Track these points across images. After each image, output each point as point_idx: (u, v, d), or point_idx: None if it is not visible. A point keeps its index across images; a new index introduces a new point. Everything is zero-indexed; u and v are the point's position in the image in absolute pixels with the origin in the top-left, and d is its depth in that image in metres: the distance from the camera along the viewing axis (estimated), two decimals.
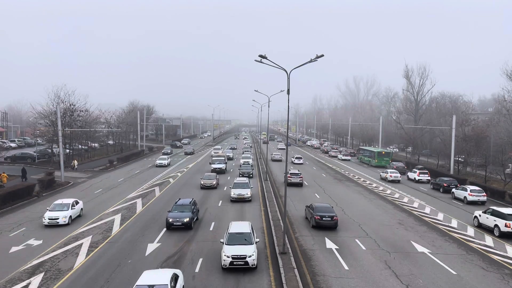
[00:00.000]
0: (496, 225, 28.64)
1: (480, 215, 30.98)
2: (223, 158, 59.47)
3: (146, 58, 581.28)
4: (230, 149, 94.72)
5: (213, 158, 59.47)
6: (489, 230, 29.43)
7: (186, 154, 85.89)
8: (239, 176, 50.27)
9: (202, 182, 44.24)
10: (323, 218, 28.31)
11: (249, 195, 37.62)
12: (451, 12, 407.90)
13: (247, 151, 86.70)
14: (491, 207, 31.35)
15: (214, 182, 44.16)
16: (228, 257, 20.43)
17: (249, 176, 51.51)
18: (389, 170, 55.22)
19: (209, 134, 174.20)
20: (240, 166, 59.14)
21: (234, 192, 37.54)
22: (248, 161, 64.47)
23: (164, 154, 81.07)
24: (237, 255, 20.39)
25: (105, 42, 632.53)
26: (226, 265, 20.45)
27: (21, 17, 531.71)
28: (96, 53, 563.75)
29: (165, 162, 64.64)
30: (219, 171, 55.12)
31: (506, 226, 27.61)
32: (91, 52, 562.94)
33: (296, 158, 72.93)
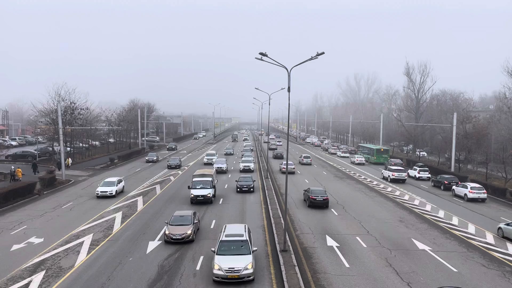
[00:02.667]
0: (388, 175, 52.31)
1: (383, 172, 55.43)
2: (209, 180, 37.60)
3: (146, 57, 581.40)
4: (225, 154, 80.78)
5: (194, 180, 37.58)
6: (386, 179, 52.32)
7: (170, 167, 60.31)
8: (237, 191, 41.50)
9: (167, 232, 24.64)
10: None
11: (251, 270, 19.23)
12: (452, 9, 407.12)
13: (248, 154, 72.31)
14: (388, 166, 56.17)
15: (189, 232, 24.58)
16: None
17: (250, 189, 41.68)
18: (356, 156, 73.85)
19: (204, 134, 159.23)
20: (240, 173, 53.64)
21: (221, 264, 19.11)
22: (248, 166, 57.17)
23: (149, 161, 67.94)
24: None
25: (105, 42, 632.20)
26: None
27: (22, 16, 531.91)
28: (97, 53, 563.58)
29: (112, 189, 38.84)
30: (203, 201, 35.57)
31: (392, 175, 51.51)
32: (92, 52, 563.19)
33: (277, 141, 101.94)
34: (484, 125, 60.39)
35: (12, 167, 47.83)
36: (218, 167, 54.51)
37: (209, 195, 35.78)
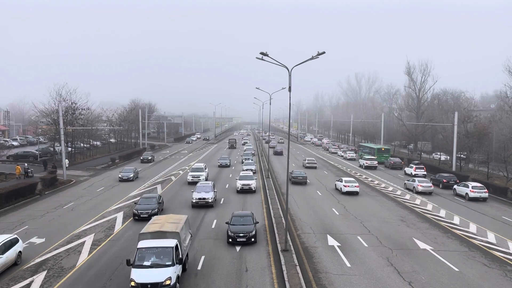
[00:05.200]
0: (364, 163, 64.49)
1: (360, 160, 67.42)
2: (170, 247, 18.64)
3: (147, 57, 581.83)
4: (219, 166, 61.99)
5: (140, 247, 18.71)
6: (362, 166, 65.14)
7: (138, 218, 29.89)
8: (228, 242, 24.29)
9: None
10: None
11: None
12: (454, 8, 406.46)
13: (248, 162, 59.13)
14: (364, 156, 68.76)
15: None
16: None
17: (249, 239, 24.20)
18: (348, 152, 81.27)
19: (199, 136, 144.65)
20: (236, 194, 39.99)
21: None
22: (249, 185, 40.65)
23: (123, 178, 47.82)
24: None
25: (106, 41, 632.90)
26: None
27: (23, 16, 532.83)
28: (97, 53, 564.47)
29: None
30: None
31: (366, 163, 63.81)
32: (92, 51, 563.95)
33: (271, 136, 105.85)
34: (485, 124, 60.32)
35: (26, 165, 51.02)
36: (199, 199, 34.02)
37: (168, 282, 17.29)
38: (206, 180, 45.65)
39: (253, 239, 24.41)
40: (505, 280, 19.88)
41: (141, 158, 69.84)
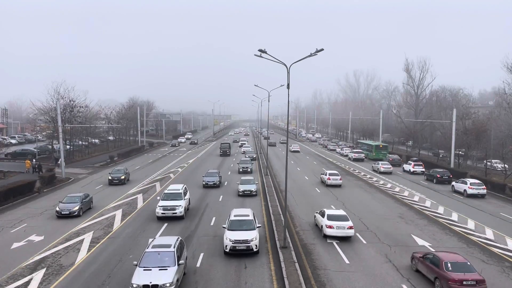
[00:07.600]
0: (352, 156, 70.81)
1: (348, 153, 74.46)
2: None
3: (145, 54, 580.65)
4: (204, 186, 42.15)
5: None
6: (349, 158, 72.11)
7: None
8: None
9: None
10: None
11: None
12: (452, 6, 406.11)
13: (247, 178, 41.14)
14: (354, 149, 76.53)
15: None
16: None
17: None
18: (344, 148, 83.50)
19: (189, 136, 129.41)
20: (224, 257, 21.59)
21: None
22: (246, 242, 21.69)
23: (61, 214, 29.96)
24: None
25: (105, 39, 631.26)
26: None
27: (22, 15, 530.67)
28: (96, 50, 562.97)
29: None
30: None
31: (354, 155, 70.58)
32: (91, 49, 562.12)
33: (270, 134, 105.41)
34: (483, 121, 60.45)
35: (34, 160, 52.57)
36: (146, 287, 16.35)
37: None
38: (188, 210, 31.24)
39: None
40: (503, 276, 19.96)
41: (109, 177, 45.44)
